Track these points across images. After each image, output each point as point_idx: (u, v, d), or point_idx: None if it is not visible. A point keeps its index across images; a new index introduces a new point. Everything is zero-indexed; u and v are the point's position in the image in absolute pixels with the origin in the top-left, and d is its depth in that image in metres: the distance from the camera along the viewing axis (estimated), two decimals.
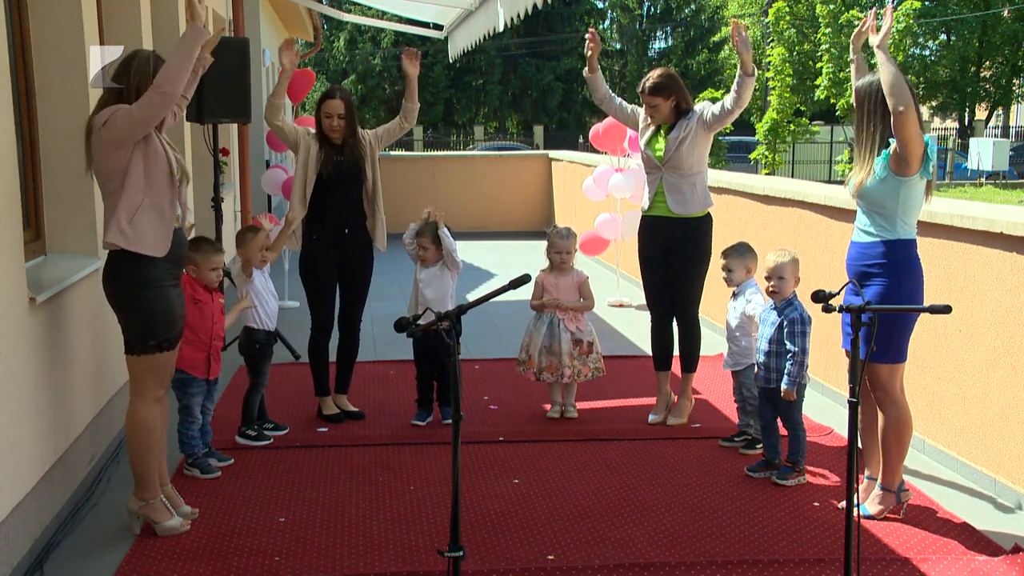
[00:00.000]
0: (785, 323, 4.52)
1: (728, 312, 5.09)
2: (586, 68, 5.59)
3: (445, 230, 5.45)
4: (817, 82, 26.54)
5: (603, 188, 9.43)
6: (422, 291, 5.41)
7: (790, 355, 4.49)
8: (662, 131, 5.35)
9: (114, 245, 3.78)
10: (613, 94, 5.65)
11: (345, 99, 5.31)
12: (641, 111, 5.52)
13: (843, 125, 30.75)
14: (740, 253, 5.02)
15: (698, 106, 5.35)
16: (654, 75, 5.31)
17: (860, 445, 4.18)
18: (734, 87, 5.16)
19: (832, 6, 26.36)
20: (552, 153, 15.24)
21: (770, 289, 4.59)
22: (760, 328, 4.72)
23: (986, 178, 32.38)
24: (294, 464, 4.91)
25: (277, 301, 5.34)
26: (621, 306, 9.24)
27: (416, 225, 5.51)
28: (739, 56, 5.04)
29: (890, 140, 4.02)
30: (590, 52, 5.50)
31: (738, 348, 5.02)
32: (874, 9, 4.35)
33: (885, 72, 3.96)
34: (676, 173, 5.27)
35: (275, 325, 5.26)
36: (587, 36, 5.53)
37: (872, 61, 4.17)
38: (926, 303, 4.12)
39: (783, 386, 4.49)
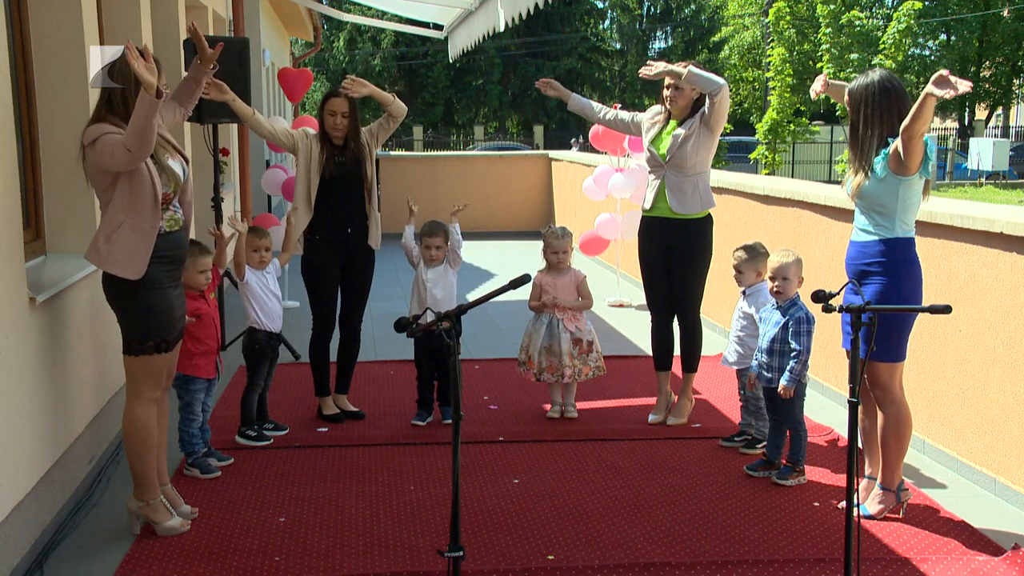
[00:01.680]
0: (790, 322, 4.52)
1: (735, 311, 5.09)
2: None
3: (456, 226, 5.50)
4: None
5: (603, 188, 9.43)
6: (431, 291, 5.42)
7: (794, 353, 4.49)
8: (668, 129, 5.35)
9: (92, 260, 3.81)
10: (602, 106, 5.69)
11: (349, 98, 5.32)
12: (643, 117, 5.52)
13: (843, 125, 30.72)
14: (752, 256, 4.99)
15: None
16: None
17: (860, 445, 4.18)
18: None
19: (832, 6, 26.33)
20: (552, 153, 15.24)
21: (774, 289, 4.59)
22: (762, 328, 4.72)
23: (986, 178, 32.38)
24: (294, 464, 4.91)
25: (281, 303, 5.34)
26: (621, 306, 9.24)
27: (413, 227, 5.53)
28: (669, 75, 5.14)
29: (889, 140, 4.01)
30: (553, 93, 5.60)
31: (745, 348, 5.00)
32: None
33: (918, 108, 3.77)
34: (679, 172, 5.27)
35: (279, 326, 5.25)
36: (541, 87, 5.67)
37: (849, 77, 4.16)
38: (926, 303, 4.12)
39: (782, 382, 4.49)
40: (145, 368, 3.93)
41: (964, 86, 3.64)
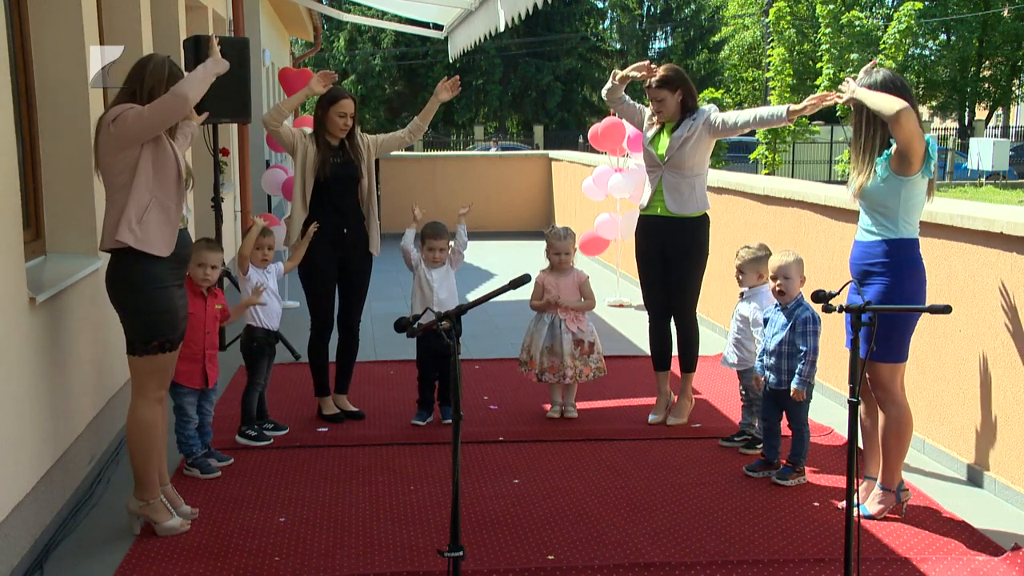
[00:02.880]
0: (797, 323, 4.51)
1: (733, 313, 5.08)
2: (618, 74, 5.39)
3: (463, 227, 5.54)
4: (817, 82, 26.50)
5: (603, 188, 9.43)
6: (436, 292, 5.42)
7: (802, 355, 4.48)
8: (666, 129, 5.35)
9: (122, 243, 3.78)
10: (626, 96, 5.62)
11: (354, 99, 5.41)
12: (647, 110, 5.52)
13: (843, 125, 30.74)
14: (755, 257, 4.97)
15: (705, 107, 5.34)
16: (660, 70, 5.27)
17: (860, 445, 4.18)
18: (766, 115, 5.09)
19: (832, 6, 26.31)
20: (552, 153, 15.24)
21: (776, 289, 4.58)
22: (768, 329, 4.70)
23: (986, 178, 32.38)
24: (294, 464, 4.91)
25: (281, 302, 5.34)
26: (621, 306, 9.24)
27: (414, 231, 5.54)
28: (806, 106, 4.82)
29: (891, 141, 4.01)
30: (639, 74, 5.28)
31: (747, 348, 5.00)
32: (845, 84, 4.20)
33: (868, 102, 3.97)
34: (676, 172, 5.27)
35: (277, 325, 5.26)
36: (642, 64, 5.31)
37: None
38: (927, 303, 4.12)
39: (794, 386, 4.48)
40: (150, 368, 3.93)
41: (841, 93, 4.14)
